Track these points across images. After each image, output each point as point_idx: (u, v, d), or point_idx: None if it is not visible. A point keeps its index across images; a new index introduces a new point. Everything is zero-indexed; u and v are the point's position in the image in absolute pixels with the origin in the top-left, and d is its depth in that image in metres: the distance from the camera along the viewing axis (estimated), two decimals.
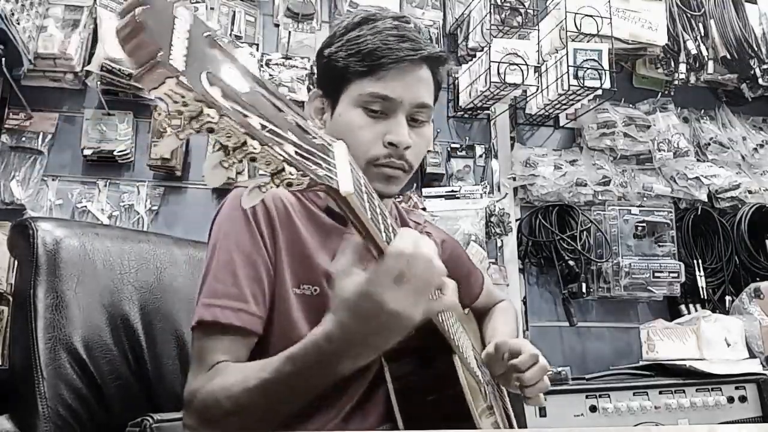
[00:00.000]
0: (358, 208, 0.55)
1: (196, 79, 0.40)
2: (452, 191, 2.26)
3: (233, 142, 0.43)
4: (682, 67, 2.52)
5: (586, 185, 2.40)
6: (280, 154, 0.46)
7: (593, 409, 1.80)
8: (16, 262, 1.09)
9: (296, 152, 0.47)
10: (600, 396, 1.82)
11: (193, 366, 0.84)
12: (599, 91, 2.17)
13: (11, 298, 1.50)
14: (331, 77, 0.94)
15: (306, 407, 0.84)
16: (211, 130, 0.42)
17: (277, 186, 0.47)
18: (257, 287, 0.86)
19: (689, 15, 2.57)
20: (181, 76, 0.39)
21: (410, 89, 0.91)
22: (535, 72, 2.14)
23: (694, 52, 2.52)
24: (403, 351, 0.86)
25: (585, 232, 2.36)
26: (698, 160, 2.59)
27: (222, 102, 0.42)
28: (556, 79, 2.19)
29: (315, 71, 1.01)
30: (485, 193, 2.28)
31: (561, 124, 2.52)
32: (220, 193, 2.05)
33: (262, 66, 2.12)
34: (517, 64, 2.09)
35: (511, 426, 1.14)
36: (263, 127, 0.45)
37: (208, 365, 0.81)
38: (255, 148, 0.44)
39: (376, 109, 0.91)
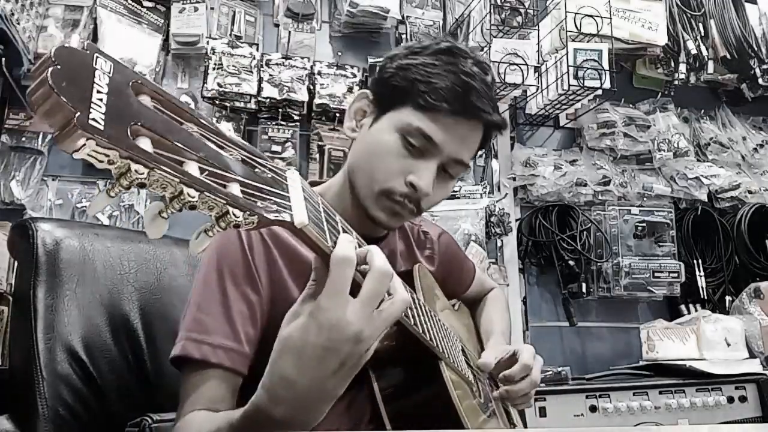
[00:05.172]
0: (315, 237, 0.52)
1: (121, 134, 0.37)
2: (452, 191, 2.26)
3: (170, 192, 0.41)
4: (682, 67, 2.52)
5: (586, 185, 2.40)
6: (223, 198, 0.43)
7: (593, 409, 1.80)
8: (15, 263, 1.09)
9: (243, 191, 0.45)
10: (600, 396, 1.82)
11: (181, 400, 0.82)
12: (599, 91, 2.17)
13: (11, 299, 1.50)
14: (389, 90, 0.90)
15: None
16: (142, 186, 0.39)
17: (224, 229, 0.44)
18: (251, 327, 0.82)
19: (689, 15, 2.57)
20: (101, 136, 0.36)
21: (456, 142, 0.87)
22: (535, 72, 2.14)
23: (694, 52, 2.52)
24: (386, 358, 0.83)
25: (585, 232, 2.36)
26: (698, 160, 2.59)
27: (152, 153, 0.39)
28: (556, 79, 2.19)
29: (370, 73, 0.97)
30: (485, 193, 2.27)
31: (561, 124, 2.52)
32: None
33: (261, 66, 2.12)
34: (517, 64, 2.09)
35: (510, 421, 1.14)
36: (202, 171, 0.42)
37: (192, 407, 0.79)
38: (192, 196, 0.41)
39: (414, 144, 0.86)
